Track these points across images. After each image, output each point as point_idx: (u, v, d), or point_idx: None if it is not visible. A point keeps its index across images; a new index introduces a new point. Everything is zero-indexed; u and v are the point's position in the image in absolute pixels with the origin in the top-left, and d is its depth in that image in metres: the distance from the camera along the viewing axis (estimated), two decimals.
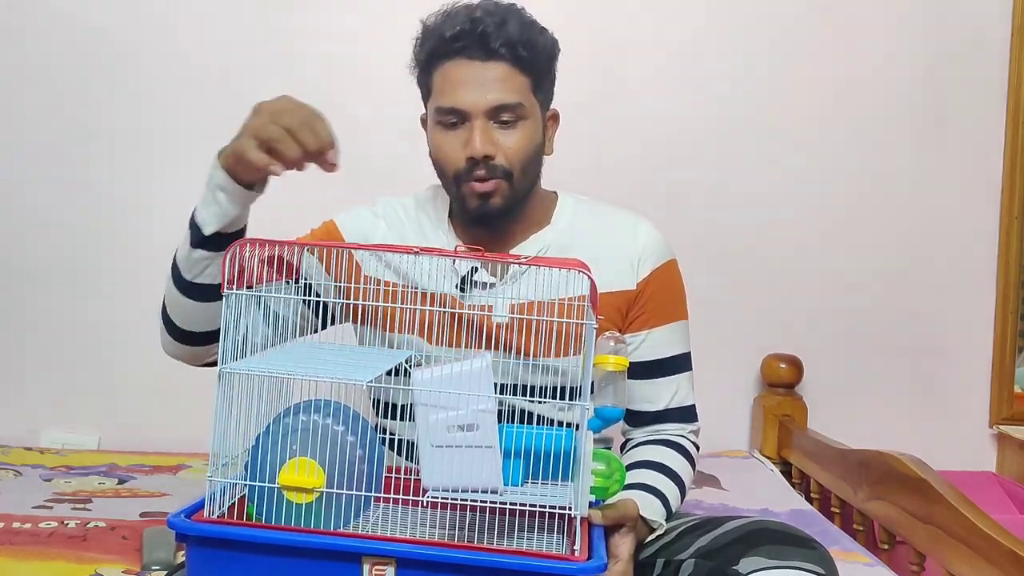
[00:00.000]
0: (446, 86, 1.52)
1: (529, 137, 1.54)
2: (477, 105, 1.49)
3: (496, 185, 1.51)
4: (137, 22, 2.62)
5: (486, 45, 1.49)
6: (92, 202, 2.62)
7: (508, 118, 1.51)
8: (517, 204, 1.57)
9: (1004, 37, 2.75)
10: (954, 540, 1.77)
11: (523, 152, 1.53)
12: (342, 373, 1.11)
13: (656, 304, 1.63)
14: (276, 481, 1.14)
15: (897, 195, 2.78)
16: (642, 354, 1.63)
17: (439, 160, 1.56)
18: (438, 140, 1.55)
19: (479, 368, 1.13)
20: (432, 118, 1.56)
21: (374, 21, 2.66)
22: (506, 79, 1.50)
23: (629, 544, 1.35)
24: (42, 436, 2.60)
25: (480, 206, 1.52)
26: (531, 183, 1.59)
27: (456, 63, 1.51)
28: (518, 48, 1.50)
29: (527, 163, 1.54)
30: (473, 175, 1.51)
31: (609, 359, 1.31)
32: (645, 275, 1.63)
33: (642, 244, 1.64)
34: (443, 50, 1.52)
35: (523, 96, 1.52)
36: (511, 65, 1.51)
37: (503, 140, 1.51)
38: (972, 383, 2.80)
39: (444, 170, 1.55)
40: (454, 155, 1.52)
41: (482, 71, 1.50)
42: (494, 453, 1.13)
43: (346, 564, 1.07)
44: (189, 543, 1.11)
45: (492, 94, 1.49)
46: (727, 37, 2.74)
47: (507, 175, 1.52)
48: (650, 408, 1.65)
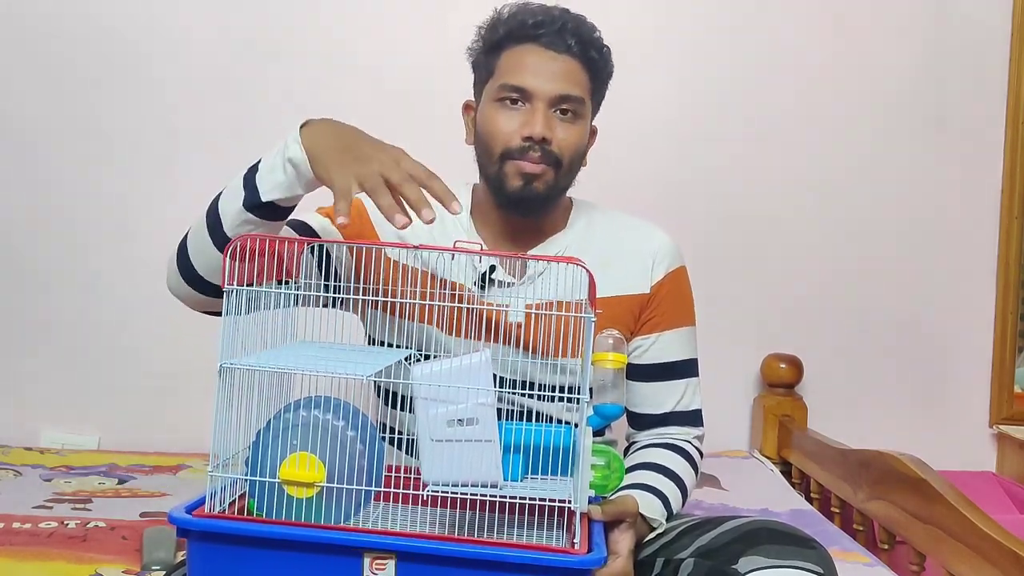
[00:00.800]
0: (516, 66, 1.55)
1: (581, 135, 1.58)
2: (544, 89, 1.53)
3: (544, 170, 1.53)
4: (139, 22, 2.62)
5: (563, 38, 1.54)
6: (93, 202, 2.62)
7: (568, 111, 1.54)
8: (551, 199, 1.58)
9: (1004, 37, 2.76)
10: (954, 540, 1.77)
11: (575, 147, 1.56)
12: (343, 369, 1.11)
13: (668, 308, 1.66)
14: (277, 476, 1.14)
15: (897, 195, 2.78)
16: (651, 357, 1.65)
17: (489, 135, 1.56)
18: (493, 115, 1.56)
19: (478, 362, 1.14)
20: (491, 96, 1.57)
21: (379, 22, 2.67)
22: (574, 74, 1.55)
23: (629, 540, 1.35)
24: (42, 436, 2.59)
25: (523, 188, 1.54)
26: (569, 184, 1.61)
27: (530, 48, 1.55)
28: (590, 49, 1.57)
29: (574, 160, 1.58)
30: (525, 155, 1.52)
31: (608, 356, 1.31)
32: (659, 279, 1.65)
33: (656, 248, 1.66)
34: (520, 34, 1.55)
35: (585, 94, 1.57)
36: (581, 63, 1.56)
37: (559, 131, 1.54)
38: (972, 383, 2.80)
39: (491, 146, 1.56)
40: (508, 132, 1.53)
41: (553, 61, 1.54)
42: (494, 447, 1.13)
43: (347, 558, 1.07)
44: (190, 538, 1.11)
45: (560, 83, 1.53)
46: (726, 37, 2.74)
47: (557, 164, 1.54)
48: (656, 411, 1.66)
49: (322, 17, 2.66)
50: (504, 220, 1.62)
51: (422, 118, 2.64)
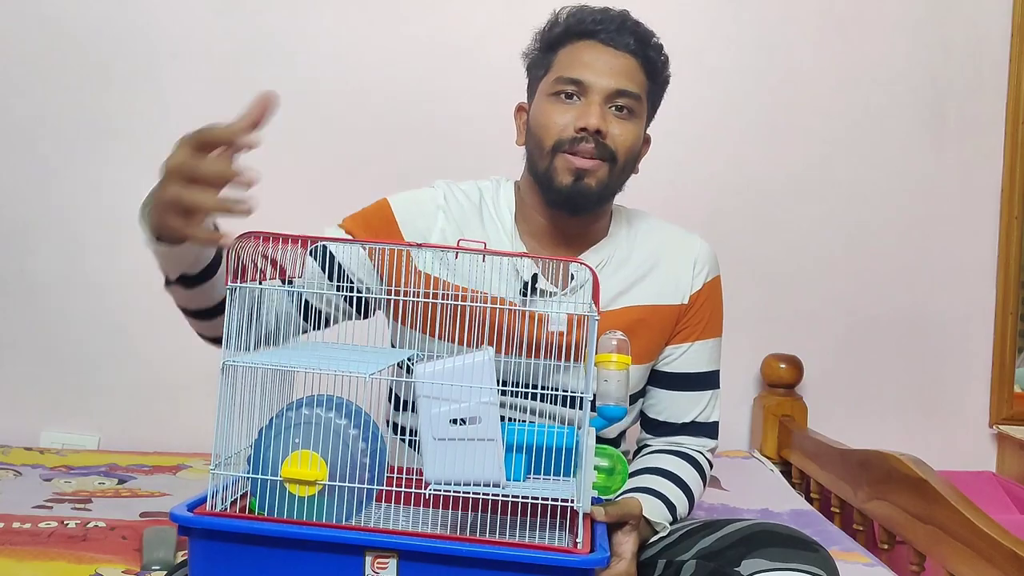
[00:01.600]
0: (573, 61, 1.54)
1: (636, 134, 1.56)
2: (600, 83, 1.51)
3: (596, 166, 1.51)
4: (141, 22, 2.62)
5: (623, 36, 1.54)
6: (93, 203, 2.62)
7: (624, 108, 1.53)
8: (602, 199, 1.56)
9: (1004, 37, 2.76)
10: (954, 540, 1.77)
11: (629, 144, 1.54)
12: (345, 367, 1.11)
13: (702, 318, 1.66)
14: (279, 474, 1.14)
15: (897, 195, 2.79)
16: (679, 366, 1.65)
17: (543, 128, 1.53)
18: (548, 109, 1.54)
19: (481, 361, 1.13)
20: (546, 90, 1.55)
21: (375, 21, 2.66)
22: (632, 71, 1.54)
23: (632, 542, 1.35)
24: (42, 436, 2.59)
25: (574, 183, 1.51)
26: (621, 185, 1.59)
27: (589, 44, 1.54)
28: (649, 49, 1.56)
29: (628, 158, 1.55)
30: (578, 147, 1.50)
31: (612, 358, 1.31)
32: (698, 288, 1.65)
33: (696, 257, 1.66)
34: (579, 29, 1.55)
35: (642, 92, 1.56)
36: (639, 62, 1.55)
37: (615, 127, 1.52)
38: (972, 383, 2.81)
39: (543, 139, 1.53)
40: (562, 124, 1.51)
41: (612, 57, 1.53)
42: (496, 446, 1.13)
43: (348, 557, 1.07)
44: (192, 536, 1.11)
45: (617, 79, 1.52)
46: (726, 38, 2.74)
47: (612, 159, 1.52)
48: (675, 420, 1.65)
49: (326, 16, 2.66)
50: (550, 224, 1.59)
51: (426, 119, 2.65)
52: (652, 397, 1.67)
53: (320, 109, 2.65)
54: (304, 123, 2.65)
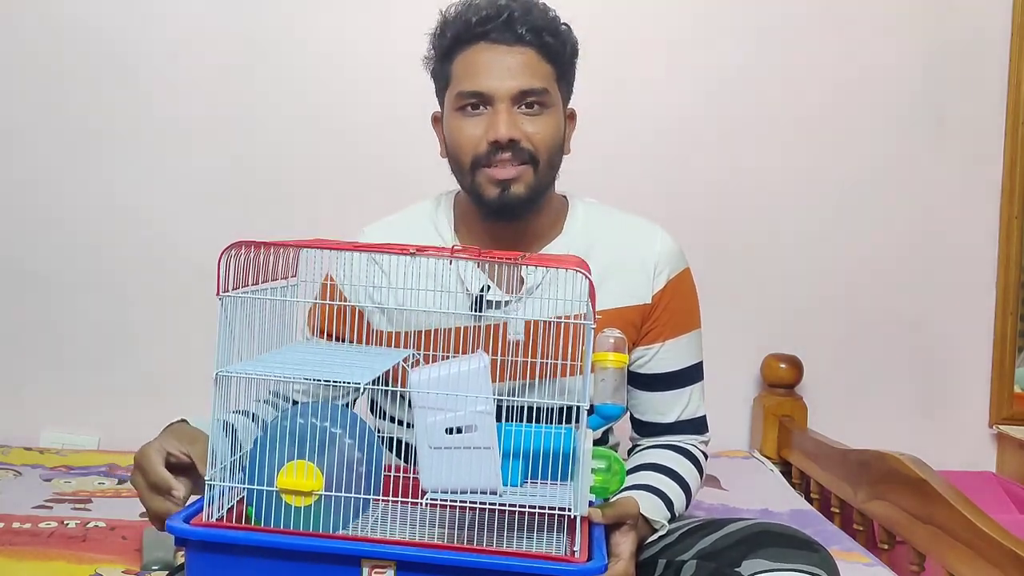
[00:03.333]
0: (469, 71, 1.49)
1: (554, 125, 1.52)
2: (502, 89, 1.47)
3: (520, 172, 1.48)
4: (140, 22, 2.62)
5: (512, 29, 1.47)
6: (93, 202, 2.63)
7: (533, 104, 1.49)
8: (536, 199, 1.52)
9: (1004, 37, 2.75)
10: (954, 540, 1.77)
11: (548, 139, 1.50)
12: (339, 375, 1.11)
13: (670, 316, 1.62)
14: (275, 484, 1.14)
15: (897, 195, 2.78)
16: (655, 366, 1.63)
17: (457, 146, 1.51)
18: (457, 126, 1.51)
19: (476, 368, 1.13)
20: (451, 105, 1.52)
21: (373, 23, 2.66)
22: (532, 65, 1.49)
23: (630, 543, 1.34)
24: (42, 436, 2.60)
25: (500, 195, 1.48)
26: (552, 179, 1.56)
27: (480, 47, 1.49)
28: (544, 35, 1.49)
29: (552, 152, 1.52)
30: (495, 159, 1.47)
31: (608, 356, 1.31)
32: (660, 287, 1.61)
33: (657, 254, 1.62)
34: (467, 35, 1.49)
35: (548, 83, 1.51)
36: (537, 51, 1.49)
37: (528, 126, 1.48)
38: (972, 383, 2.80)
39: (461, 158, 1.51)
40: (474, 140, 1.48)
41: (507, 56, 1.48)
42: (493, 454, 1.13)
43: (346, 567, 1.07)
44: (188, 547, 1.11)
45: (518, 79, 1.47)
46: (726, 38, 2.73)
47: (533, 160, 1.49)
48: (661, 420, 1.64)
49: (322, 17, 2.65)
50: (492, 230, 1.57)
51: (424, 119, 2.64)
52: (634, 398, 1.65)
53: (320, 109, 2.65)
54: (304, 123, 2.65)
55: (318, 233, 1.52)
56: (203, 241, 2.51)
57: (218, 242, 1.39)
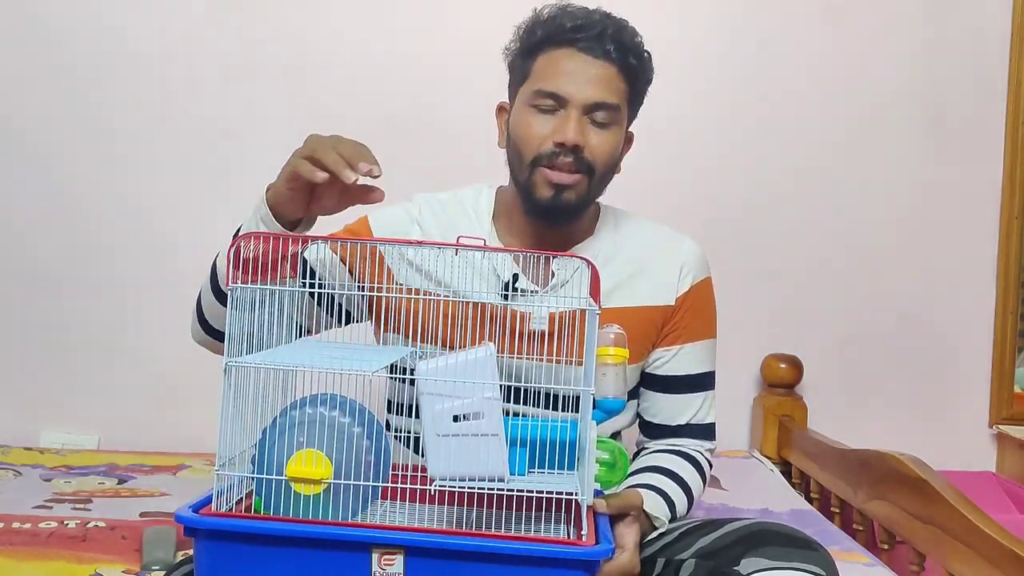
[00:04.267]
0: (551, 71, 1.51)
1: (616, 142, 1.54)
2: (578, 96, 1.49)
3: (576, 180, 1.50)
4: (140, 23, 2.62)
5: (602, 43, 1.50)
6: (93, 202, 2.63)
7: (603, 118, 1.51)
8: (583, 209, 1.56)
9: (1004, 37, 2.76)
10: (954, 540, 1.77)
11: (609, 155, 1.53)
12: (348, 365, 1.11)
13: (691, 320, 1.64)
14: (284, 473, 1.14)
15: (897, 195, 2.79)
16: (670, 369, 1.64)
17: (522, 140, 1.52)
18: (526, 120, 1.52)
19: (483, 357, 1.14)
20: (524, 100, 1.54)
21: (375, 23, 2.67)
22: (611, 80, 1.51)
23: (634, 534, 1.36)
24: (42, 436, 2.59)
25: (553, 197, 1.50)
26: (600, 192, 1.58)
27: (567, 52, 1.51)
28: (629, 56, 1.52)
29: (608, 168, 1.54)
30: (556, 161, 1.49)
31: (609, 350, 1.32)
32: (684, 290, 1.64)
33: (684, 259, 1.65)
34: (558, 37, 1.51)
35: (621, 101, 1.53)
36: (619, 69, 1.52)
37: (593, 137, 1.50)
38: (972, 383, 2.80)
39: (523, 152, 1.52)
40: (540, 137, 1.50)
41: (591, 66, 1.50)
42: (499, 441, 1.13)
43: (355, 554, 1.07)
44: (198, 537, 1.11)
45: (596, 90, 1.50)
46: (726, 38, 2.74)
47: (590, 171, 1.51)
48: (671, 423, 1.65)
49: (323, 17, 2.65)
50: (531, 227, 1.59)
51: (431, 118, 2.65)
52: (646, 400, 1.67)
53: (322, 109, 2.64)
54: (306, 123, 2.64)
55: (318, 232, 1.53)
56: (204, 241, 2.51)
57: (219, 242, 1.40)
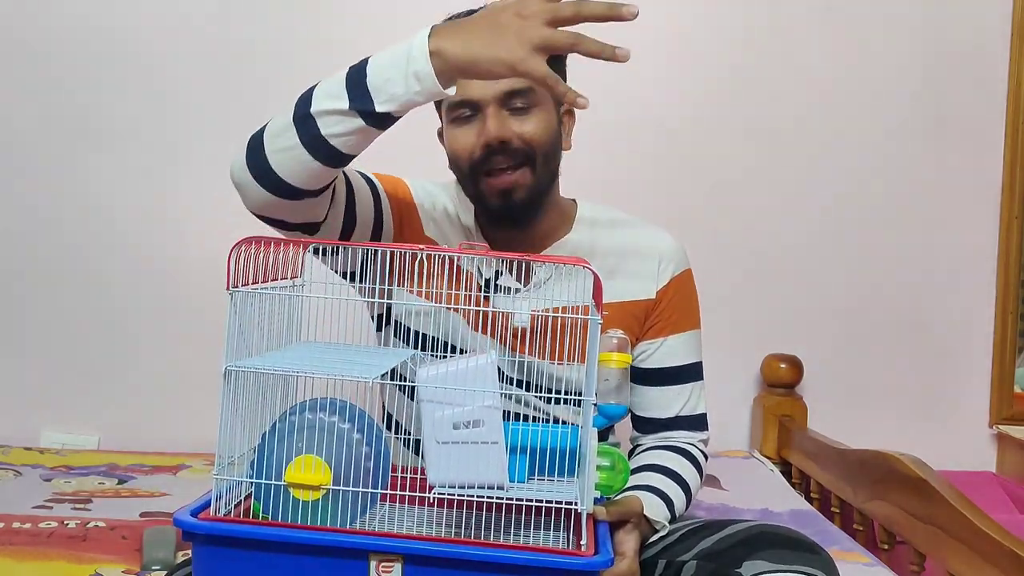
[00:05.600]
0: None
1: (545, 122, 1.53)
2: (487, 93, 1.48)
3: (518, 177, 1.50)
4: (141, 21, 2.62)
5: None
6: (93, 202, 2.62)
7: (521, 104, 1.50)
8: (539, 198, 1.55)
9: (1004, 37, 2.76)
10: (954, 540, 1.77)
11: (540, 136, 1.51)
12: (348, 371, 1.11)
13: (673, 312, 1.65)
14: (282, 478, 1.14)
15: (897, 195, 2.78)
16: (656, 361, 1.65)
17: (455, 156, 1.54)
18: (452, 136, 1.54)
19: (484, 364, 1.14)
20: (446, 118, 1.55)
21: (381, 18, 2.66)
22: None
23: (634, 541, 1.36)
24: (42, 436, 2.59)
25: (504, 204, 1.51)
26: (552, 176, 1.57)
27: None
28: None
29: (547, 149, 1.53)
30: (492, 164, 1.49)
31: (612, 356, 1.32)
32: (664, 283, 1.64)
33: (662, 252, 1.65)
34: None
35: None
36: None
37: (518, 126, 1.50)
38: (972, 383, 2.80)
39: (460, 166, 1.54)
40: (468, 147, 1.51)
41: None
42: (499, 449, 1.13)
43: (353, 561, 1.07)
44: (196, 541, 1.11)
45: (500, 80, 1.46)
46: (726, 37, 2.74)
47: (529, 160, 1.50)
48: (661, 415, 1.66)
49: (324, 16, 2.65)
50: (503, 231, 1.60)
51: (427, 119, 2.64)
52: (636, 394, 1.67)
53: None
54: None
55: None
56: (203, 241, 2.51)
57: (219, 242, 1.40)
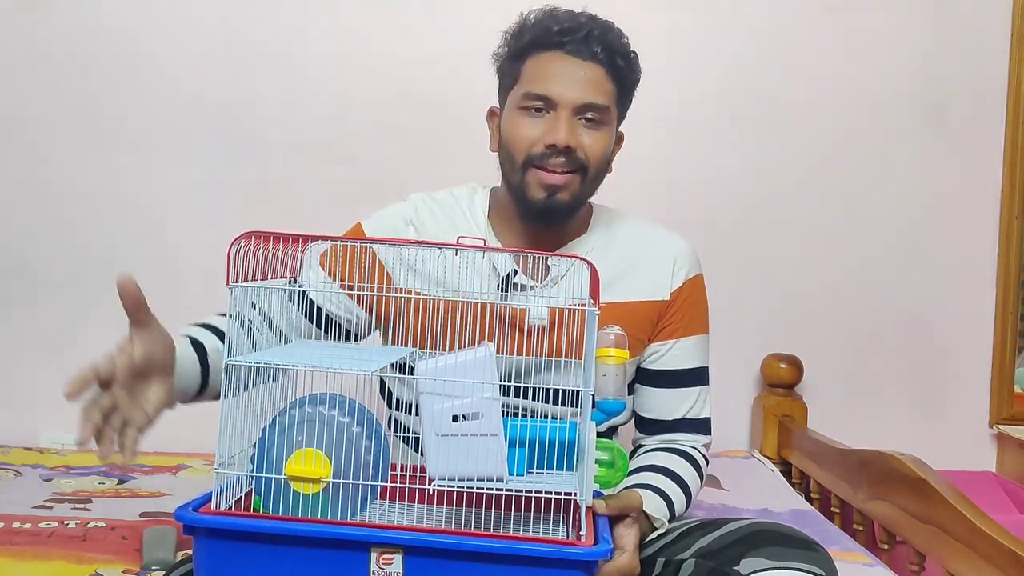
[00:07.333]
0: (540, 74, 1.53)
1: (607, 142, 1.56)
2: (568, 97, 1.51)
3: (569, 180, 1.52)
4: (143, 22, 2.62)
5: (589, 45, 1.52)
6: (93, 202, 2.62)
7: (593, 118, 1.53)
8: (576, 208, 1.57)
9: (1004, 37, 2.76)
10: (954, 540, 1.77)
11: (600, 154, 1.55)
12: (348, 365, 1.11)
13: (685, 315, 1.66)
14: (283, 472, 1.14)
15: (897, 195, 2.79)
16: (665, 363, 1.66)
17: (513, 142, 1.54)
18: (516, 123, 1.54)
19: (482, 357, 1.14)
20: (514, 103, 1.56)
21: (382, 21, 2.66)
22: (599, 81, 1.53)
23: (634, 535, 1.36)
24: (42, 436, 2.59)
25: (547, 199, 1.53)
26: (593, 191, 1.60)
27: (555, 55, 1.53)
28: (616, 57, 1.54)
29: (600, 167, 1.56)
30: (548, 162, 1.51)
31: (610, 352, 1.32)
32: (678, 286, 1.66)
33: (676, 255, 1.66)
34: (545, 41, 1.53)
35: (610, 102, 1.55)
36: (606, 71, 1.53)
37: (585, 138, 1.52)
38: (972, 383, 2.80)
39: (514, 155, 1.54)
40: (530, 140, 1.52)
41: (578, 68, 1.52)
42: (499, 441, 1.13)
43: (354, 553, 1.07)
44: (197, 535, 1.11)
45: (584, 91, 1.51)
46: (726, 37, 2.74)
47: (583, 170, 1.53)
48: (665, 417, 1.66)
49: (324, 16, 2.65)
50: (525, 227, 1.61)
51: (427, 119, 2.64)
52: (642, 395, 1.68)
53: (322, 109, 2.65)
54: (306, 123, 2.65)
55: (319, 232, 1.53)
56: (203, 241, 2.51)
57: (219, 242, 1.39)
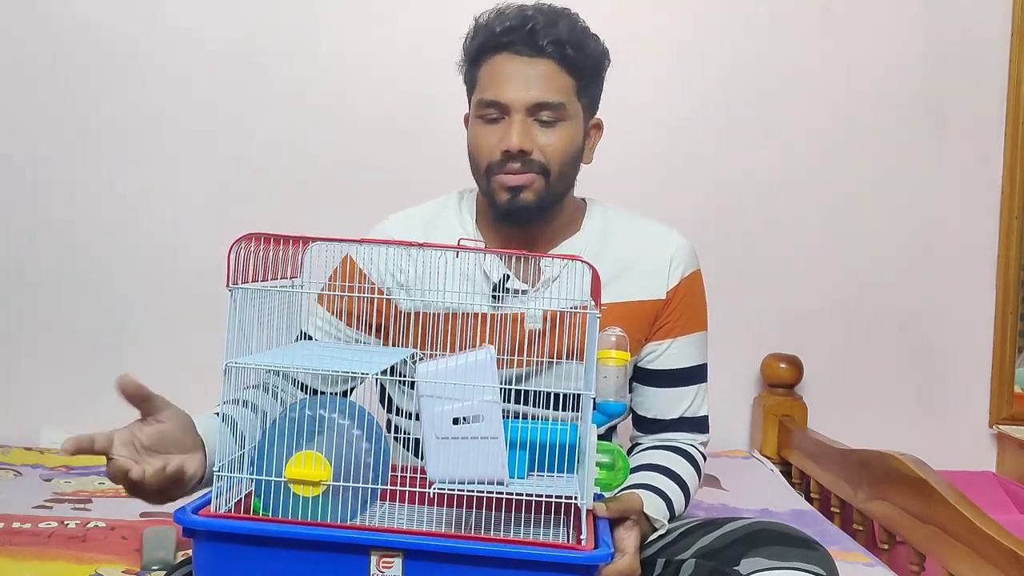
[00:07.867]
0: (491, 79, 1.51)
1: (569, 138, 1.53)
2: (518, 100, 1.49)
3: (530, 180, 1.50)
4: (140, 22, 2.62)
5: (534, 42, 1.49)
6: (92, 202, 2.62)
7: (548, 117, 1.51)
8: (549, 206, 1.55)
9: (1004, 37, 2.76)
10: (954, 540, 1.77)
11: (561, 152, 1.52)
12: (347, 367, 1.11)
13: (682, 313, 1.65)
14: (283, 475, 1.14)
15: (897, 195, 2.79)
16: (663, 363, 1.65)
17: (474, 152, 1.55)
18: (476, 132, 1.54)
19: (483, 359, 1.14)
20: (473, 112, 1.56)
21: (382, 21, 2.66)
22: (550, 77, 1.50)
23: (634, 538, 1.35)
24: (42, 436, 2.59)
25: (510, 200, 1.51)
26: (566, 188, 1.58)
27: (503, 57, 1.51)
28: (566, 48, 1.50)
29: (565, 164, 1.53)
30: (506, 168, 1.49)
31: (611, 354, 1.32)
32: (675, 284, 1.64)
33: (672, 253, 1.64)
34: (492, 44, 1.51)
35: (566, 97, 1.52)
36: (557, 64, 1.50)
37: (541, 138, 1.50)
38: (972, 383, 2.80)
39: (478, 163, 1.54)
40: (489, 147, 1.51)
41: (527, 67, 1.50)
42: (499, 444, 1.13)
43: (354, 556, 1.07)
44: (197, 538, 1.11)
45: (534, 91, 1.49)
46: (726, 39, 2.74)
47: (544, 171, 1.51)
48: (664, 416, 1.65)
49: (323, 17, 2.65)
50: (509, 230, 1.59)
51: (427, 121, 2.64)
52: (639, 394, 1.67)
53: (320, 109, 2.65)
54: (305, 123, 2.65)
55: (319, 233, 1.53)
56: (203, 241, 2.52)
57: (219, 242, 1.40)
